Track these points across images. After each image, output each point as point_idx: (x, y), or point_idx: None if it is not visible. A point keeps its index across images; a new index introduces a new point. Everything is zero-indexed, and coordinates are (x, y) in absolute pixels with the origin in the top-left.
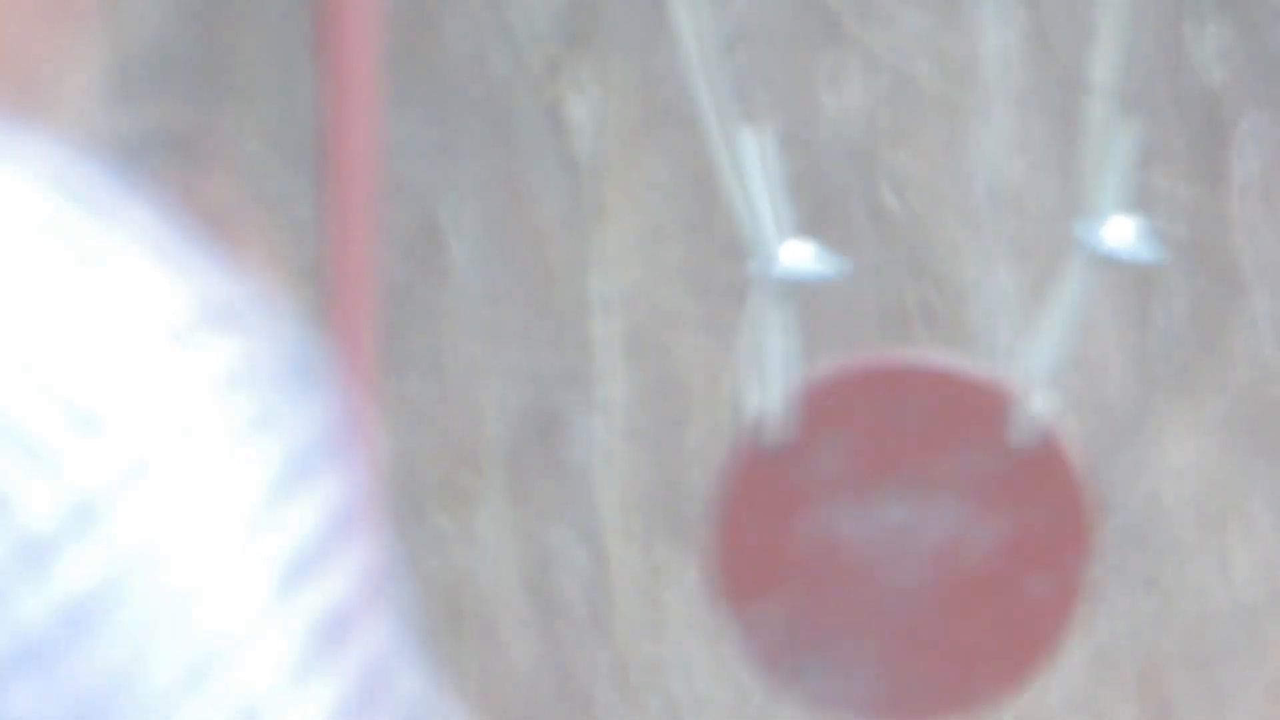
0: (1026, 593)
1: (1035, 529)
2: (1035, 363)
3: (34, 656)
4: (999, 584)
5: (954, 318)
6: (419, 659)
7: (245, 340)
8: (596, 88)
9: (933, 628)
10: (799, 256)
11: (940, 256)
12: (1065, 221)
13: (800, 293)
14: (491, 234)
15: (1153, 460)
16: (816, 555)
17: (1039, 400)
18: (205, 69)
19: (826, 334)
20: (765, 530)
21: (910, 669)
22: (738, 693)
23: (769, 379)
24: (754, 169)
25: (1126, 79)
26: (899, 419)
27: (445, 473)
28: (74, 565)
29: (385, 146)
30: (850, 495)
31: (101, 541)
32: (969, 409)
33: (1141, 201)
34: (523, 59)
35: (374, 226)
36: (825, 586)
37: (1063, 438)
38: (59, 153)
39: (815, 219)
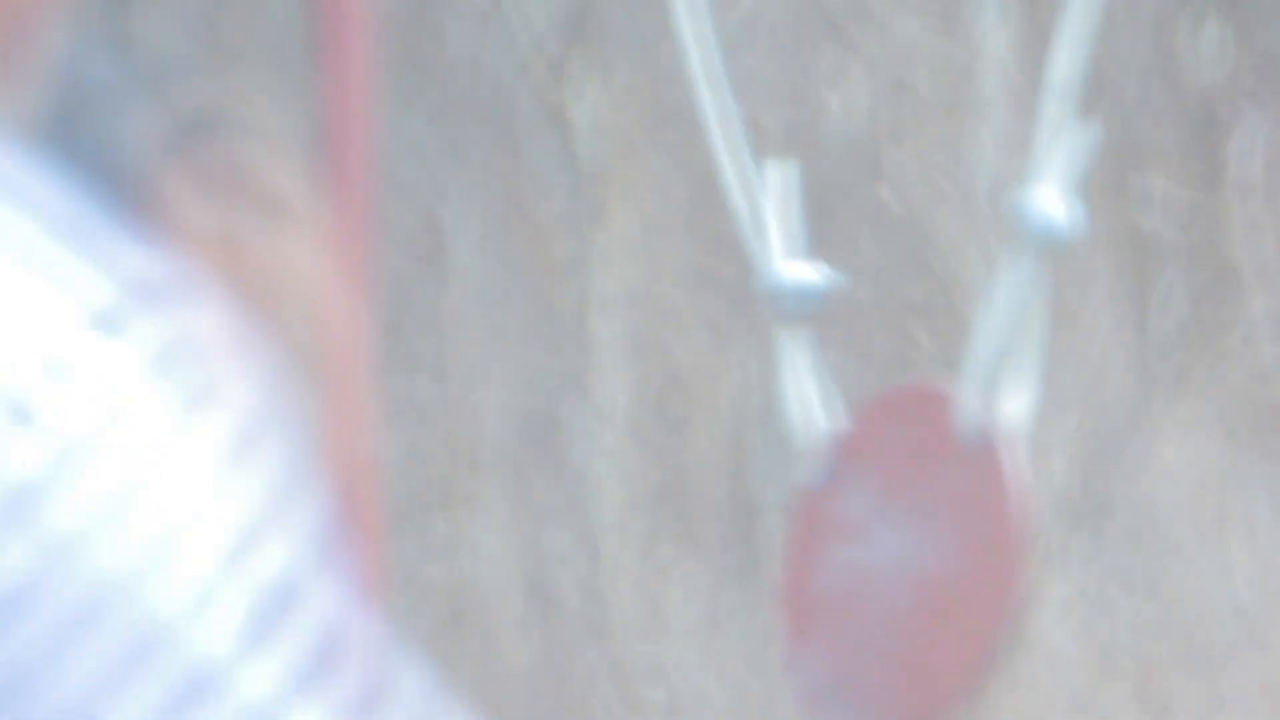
0: (966, 604)
1: (973, 535)
2: (977, 361)
3: None
4: (945, 595)
5: (953, 317)
6: (416, 663)
7: (174, 318)
8: (597, 90)
9: (914, 652)
10: (803, 276)
11: (940, 256)
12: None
13: (816, 316)
14: (492, 235)
15: (1151, 461)
16: (846, 589)
17: (975, 402)
18: (205, 75)
19: (828, 334)
20: (805, 572)
21: (903, 696)
22: (736, 694)
23: (809, 421)
24: (760, 192)
25: (1083, 79)
26: (897, 442)
27: (445, 474)
28: (8, 553)
29: (387, 148)
30: (867, 526)
31: (35, 529)
32: (939, 419)
33: (1137, 201)
34: (524, 61)
35: (375, 228)
36: (851, 622)
37: (1000, 436)
38: None
39: (816, 219)
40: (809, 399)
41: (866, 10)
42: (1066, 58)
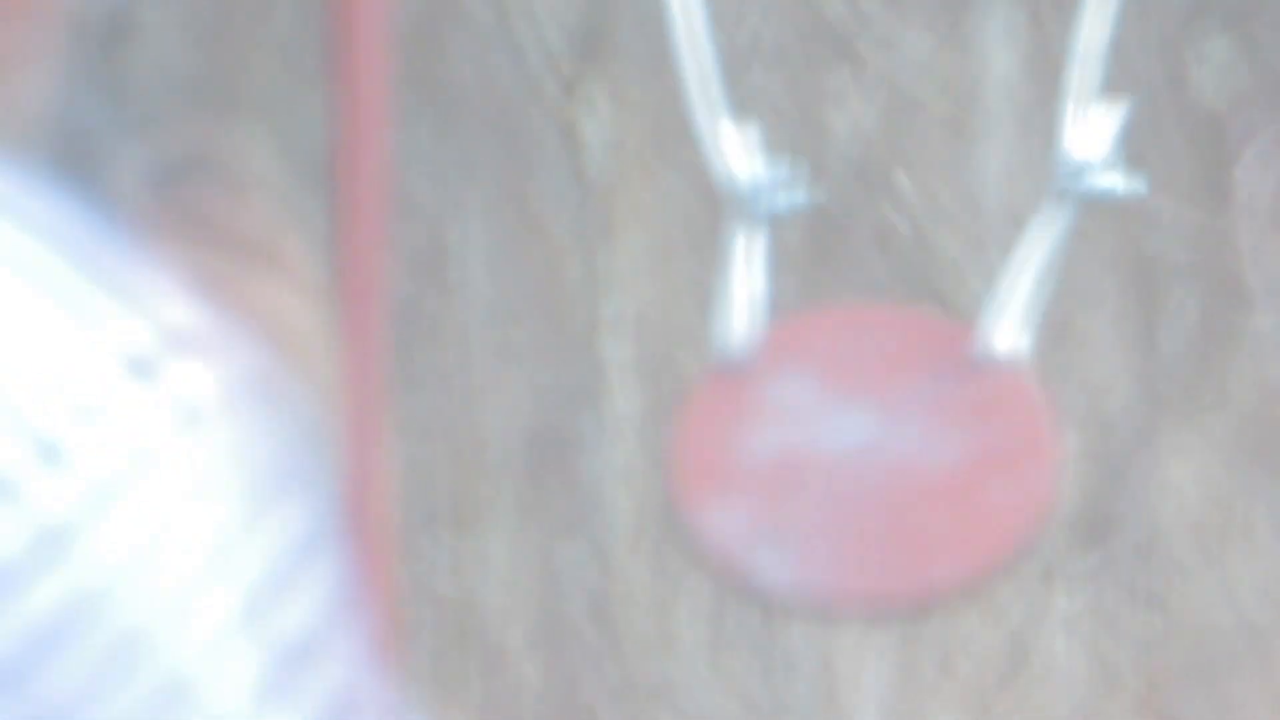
0: (989, 499)
1: (999, 444)
2: (1005, 294)
3: (4, 678)
4: (960, 490)
5: None
6: (411, 675)
7: (209, 367)
8: (607, 108)
9: (892, 526)
10: (770, 184)
11: (945, 275)
12: (1069, 241)
13: (771, 223)
14: (501, 252)
15: (1157, 478)
16: (778, 463)
17: (1005, 330)
18: (217, 88)
19: None
20: (728, 442)
21: (866, 564)
22: (744, 710)
23: (736, 306)
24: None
25: (1109, 47)
26: (866, 352)
27: (455, 490)
28: (40, 592)
29: (396, 165)
30: (812, 415)
31: (67, 569)
32: (936, 342)
33: (1143, 221)
34: (534, 78)
35: (385, 244)
36: (785, 490)
37: (1024, 366)
38: (20, 182)
39: (821, 238)
40: (753, 293)
41: (872, 29)
42: (1092, 25)
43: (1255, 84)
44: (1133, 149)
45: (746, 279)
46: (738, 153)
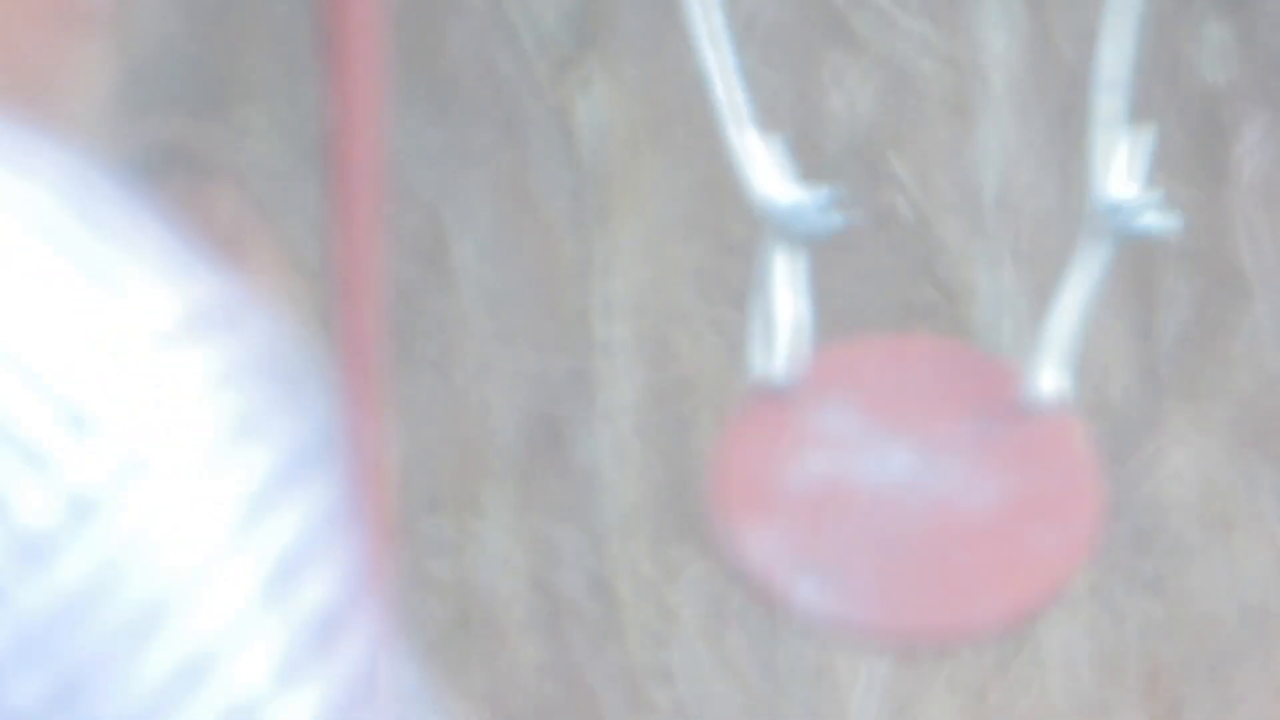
0: (1031, 541)
1: (1042, 487)
2: (1049, 338)
3: (31, 650)
4: (1002, 531)
5: (958, 317)
6: (415, 659)
7: (235, 342)
8: (603, 90)
9: (932, 563)
10: (809, 206)
11: (945, 259)
12: (1071, 224)
13: (810, 245)
14: (498, 237)
15: (1158, 465)
16: (819, 491)
17: (1050, 374)
18: (211, 73)
19: (832, 336)
20: (769, 466)
21: (904, 599)
22: (747, 696)
23: (779, 330)
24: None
25: (1132, 73)
26: (910, 386)
27: (453, 476)
28: (69, 562)
29: (392, 150)
30: (855, 445)
31: (96, 539)
32: (980, 381)
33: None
34: (529, 62)
35: (381, 229)
36: (826, 518)
37: (1069, 409)
38: (55, 157)
39: None
40: (795, 314)
41: (870, 10)
42: (1113, 51)
43: (1252, 67)
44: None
45: (788, 303)
46: (773, 172)
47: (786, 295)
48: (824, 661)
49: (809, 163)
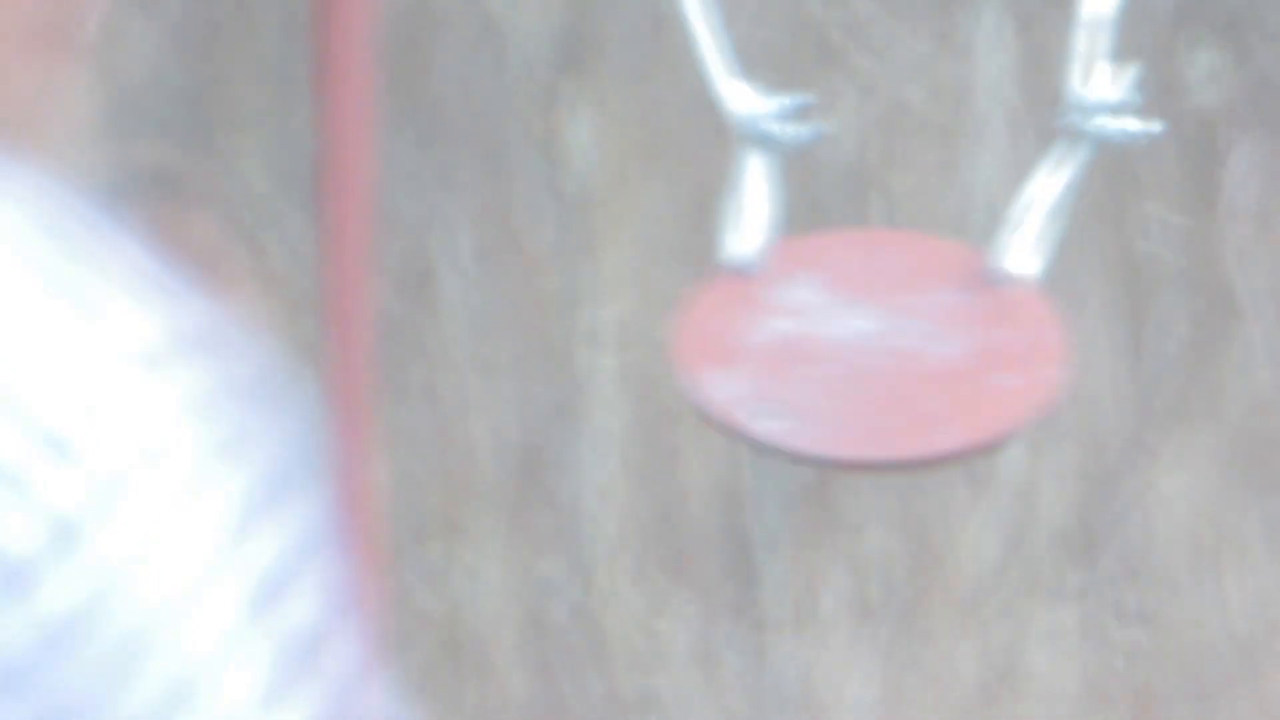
0: (994, 384)
1: (1007, 342)
2: (1016, 218)
3: (13, 678)
4: (966, 376)
5: None
6: (403, 687)
7: (214, 365)
8: (589, 119)
9: (894, 401)
10: (779, 112)
11: None
12: (1061, 242)
13: (784, 147)
14: (484, 265)
15: (1147, 491)
16: (783, 347)
17: (1017, 253)
18: (201, 101)
19: None
20: (733, 329)
21: (866, 427)
22: None
23: (747, 219)
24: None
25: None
26: (876, 268)
27: (440, 504)
28: (51, 588)
29: (377, 176)
30: (818, 312)
31: (78, 565)
32: (946, 263)
33: (1133, 227)
34: (515, 90)
35: (370, 258)
36: (788, 365)
37: (1034, 284)
38: (33, 181)
39: None
40: (764, 207)
41: (862, 32)
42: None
43: (1245, 90)
44: (1121, 155)
45: (759, 197)
46: (747, 87)
47: (758, 191)
48: (810, 688)
49: (801, 185)
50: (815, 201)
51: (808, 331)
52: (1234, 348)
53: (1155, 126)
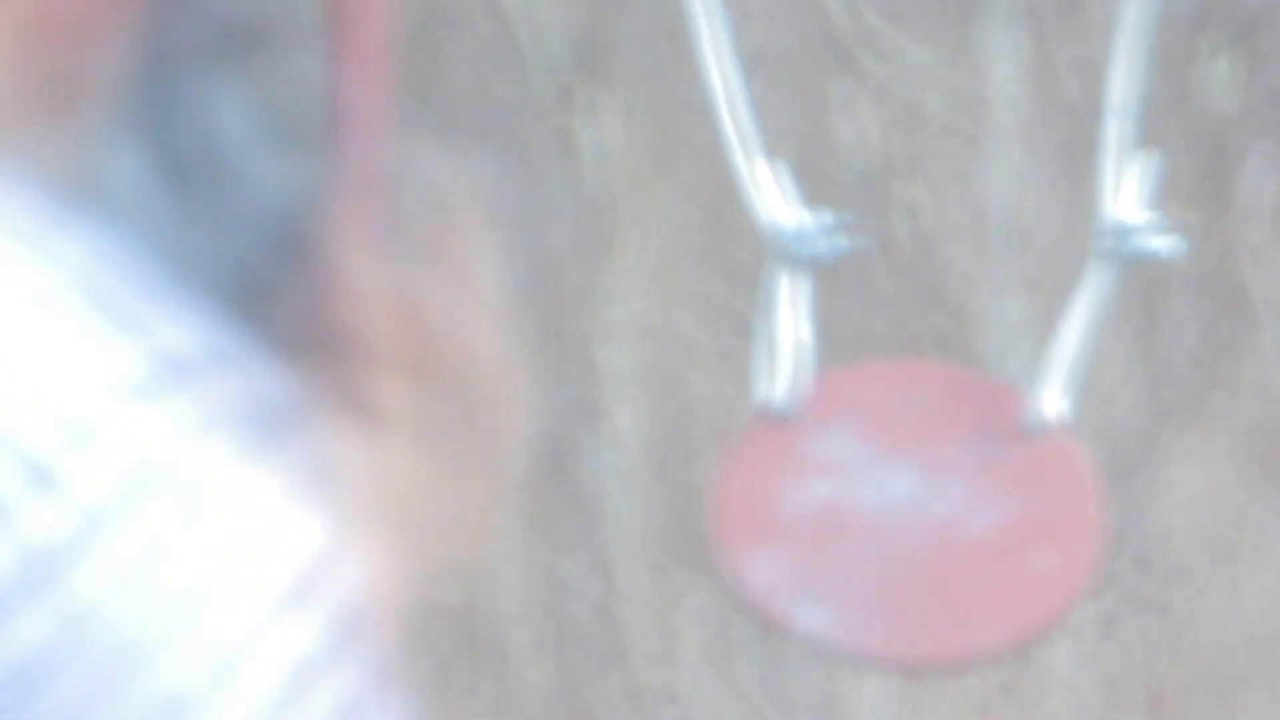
0: (1032, 565)
1: (1043, 510)
2: (1053, 360)
3: None
4: (1004, 555)
5: (966, 345)
6: (422, 684)
7: (204, 393)
8: (606, 117)
9: (934, 588)
10: (814, 231)
11: (951, 285)
12: (1075, 250)
13: (814, 270)
14: (501, 262)
15: (1163, 489)
16: (821, 517)
17: (1052, 396)
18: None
19: (839, 360)
20: (770, 492)
21: (908, 624)
22: (749, 717)
23: (782, 355)
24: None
25: (1141, 100)
26: (911, 410)
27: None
28: (31, 618)
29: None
30: (856, 470)
31: (55, 596)
32: (981, 404)
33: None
34: (533, 89)
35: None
36: (827, 544)
37: (1071, 430)
38: (26, 204)
39: None
40: (798, 338)
41: (877, 40)
42: (1122, 77)
43: (1258, 96)
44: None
45: (791, 327)
46: (778, 198)
47: (790, 320)
48: (829, 684)
49: (817, 191)
50: (831, 209)
51: (846, 497)
52: (1248, 347)
53: (1181, 245)
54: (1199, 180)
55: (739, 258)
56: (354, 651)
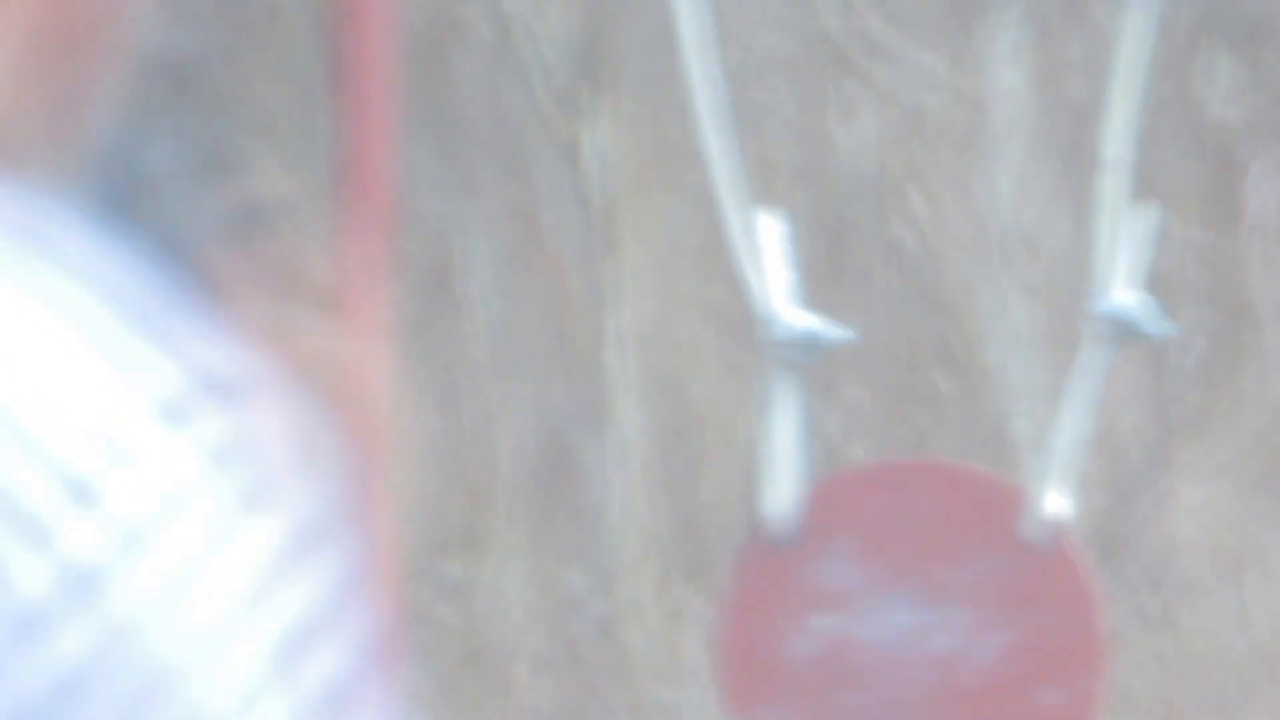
0: (1035, 703)
1: (1045, 637)
2: (1052, 457)
3: None
4: (1008, 692)
5: (968, 352)
6: (425, 699)
7: (243, 413)
8: (609, 124)
9: None
10: (808, 326)
11: (952, 291)
12: (1077, 257)
13: (812, 371)
14: (505, 269)
15: (1168, 502)
16: (826, 659)
17: (1053, 498)
18: (225, 101)
19: (842, 372)
20: (775, 633)
21: None
22: None
23: (781, 474)
24: (763, 245)
25: (1138, 152)
26: (909, 520)
27: (461, 514)
28: (69, 635)
29: (401, 183)
30: (860, 599)
31: (94, 613)
32: (979, 509)
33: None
34: (536, 96)
35: (391, 262)
36: (834, 691)
37: (1072, 539)
38: (61, 224)
39: (827, 255)
40: (789, 451)
41: (878, 46)
42: (1117, 130)
43: (1263, 103)
44: (1142, 169)
45: (787, 436)
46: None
47: (787, 434)
48: None
49: (817, 198)
50: (832, 215)
51: (848, 631)
52: (1254, 359)
53: (1173, 329)
54: (1203, 189)
55: (740, 265)
56: (375, 677)
